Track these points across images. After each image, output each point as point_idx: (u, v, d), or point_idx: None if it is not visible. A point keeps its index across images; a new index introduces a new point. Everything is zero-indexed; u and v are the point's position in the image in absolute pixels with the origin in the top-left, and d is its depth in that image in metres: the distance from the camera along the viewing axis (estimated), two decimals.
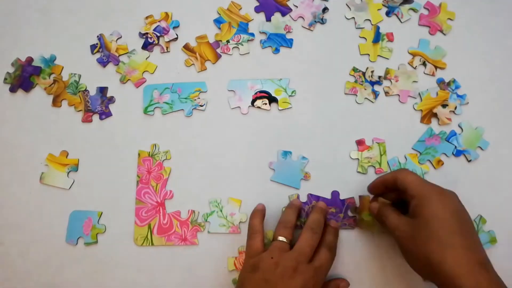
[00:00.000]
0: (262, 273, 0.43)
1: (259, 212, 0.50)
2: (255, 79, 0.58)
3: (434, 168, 0.55)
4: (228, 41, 0.60)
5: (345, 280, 0.50)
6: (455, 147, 0.55)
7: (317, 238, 0.46)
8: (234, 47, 0.59)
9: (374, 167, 0.55)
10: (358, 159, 0.55)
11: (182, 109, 0.57)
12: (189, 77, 0.59)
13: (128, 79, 0.59)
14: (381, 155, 0.55)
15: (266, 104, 0.57)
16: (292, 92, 0.57)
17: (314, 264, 0.44)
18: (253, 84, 0.58)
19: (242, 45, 0.59)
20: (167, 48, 0.59)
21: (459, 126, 0.56)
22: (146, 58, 0.59)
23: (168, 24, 0.60)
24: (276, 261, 0.43)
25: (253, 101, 0.57)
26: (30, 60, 0.60)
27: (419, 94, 0.57)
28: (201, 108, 0.57)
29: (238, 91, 0.58)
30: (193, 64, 0.59)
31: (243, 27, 0.60)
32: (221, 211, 0.54)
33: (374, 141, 0.55)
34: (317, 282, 0.44)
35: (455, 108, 0.56)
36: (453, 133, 0.56)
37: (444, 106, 0.57)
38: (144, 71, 0.59)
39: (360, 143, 0.56)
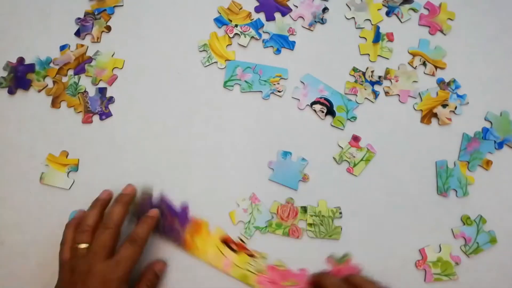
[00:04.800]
0: (60, 283, 0.46)
1: (73, 221, 0.50)
2: (328, 85, 0.57)
3: (486, 170, 0.54)
4: (236, 25, 0.59)
5: (161, 261, 0.52)
6: (494, 141, 0.55)
7: (111, 233, 0.46)
8: (236, 34, 0.59)
9: (349, 163, 0.55)
10: (342, 148, 0.55)
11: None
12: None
13: (100, 80, 0.58)
14: (361, 160, 0.55)
15: (322, 112, 0.56)
16: (352, 117, 0.56)
17: (114, 259, 0.45)
18: (324, 88, 0.57)
19: (245, 36, 0.59)
20: (98, 38, 0.60)
21: (486, 119, 0.56)
22: (112, 56, 0.59)
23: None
24: (72, 269, 0.45)
25: (313, 103, 0.57)
26: (20, 60, 0.59)
27: (419, 94, 0.57)
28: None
29: (309, 87, 0.57)
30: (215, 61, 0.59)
31: (256, 25, 0.60)
32: None
33: (368, 147, 0.55)
34: (119, 275, 0.44)
35: (455, 108, 0.56)
36: (486, 129, 0.55)
37: (444, 106, 0.57)
38: (114, 68, 0.59)
39: (355, 139, 0.55)
